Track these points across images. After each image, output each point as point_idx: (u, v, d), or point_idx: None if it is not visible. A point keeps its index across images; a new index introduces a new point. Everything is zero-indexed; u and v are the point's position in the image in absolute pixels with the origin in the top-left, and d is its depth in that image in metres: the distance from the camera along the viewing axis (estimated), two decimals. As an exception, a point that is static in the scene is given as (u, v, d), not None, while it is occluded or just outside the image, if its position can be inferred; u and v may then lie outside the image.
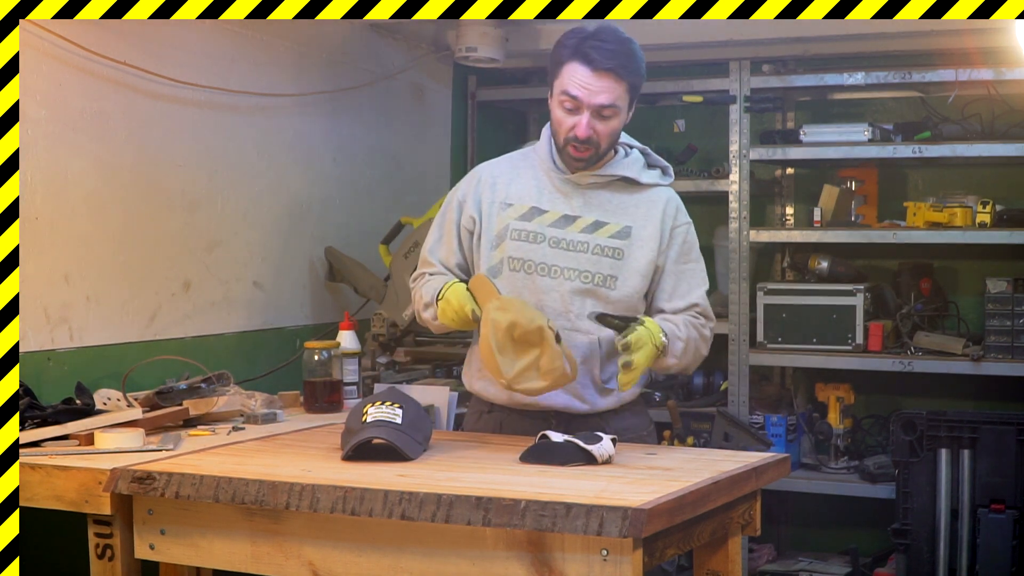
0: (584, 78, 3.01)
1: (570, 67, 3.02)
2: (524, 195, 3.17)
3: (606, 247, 3.12)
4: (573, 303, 3.11)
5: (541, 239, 3.12)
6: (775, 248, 5.18)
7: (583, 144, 3.05)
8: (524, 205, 3.15)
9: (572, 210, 3.14)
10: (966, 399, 4.85)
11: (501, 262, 3.14)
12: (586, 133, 3.03)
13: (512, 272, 3.12)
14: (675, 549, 2.63)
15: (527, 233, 3.13)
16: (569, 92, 3.02)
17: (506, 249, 3.13)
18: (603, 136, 3.06)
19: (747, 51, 4.73)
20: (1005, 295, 4.46)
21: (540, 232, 3.12)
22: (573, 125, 3.04)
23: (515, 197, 3.17)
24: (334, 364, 3.72)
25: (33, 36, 3.44)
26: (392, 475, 2.69)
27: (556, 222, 3.13)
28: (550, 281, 3.11)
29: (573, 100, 3.03)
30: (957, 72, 4.49)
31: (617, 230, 3.13)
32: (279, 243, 4.43)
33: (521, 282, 3.12)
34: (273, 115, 4.38)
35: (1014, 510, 4.24)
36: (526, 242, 3.13)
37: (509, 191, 3.18)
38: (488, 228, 3.16)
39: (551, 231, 3.12)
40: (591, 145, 3.06)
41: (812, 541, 5.15)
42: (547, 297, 3.11)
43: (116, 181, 3.78)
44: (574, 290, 3.11)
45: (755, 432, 4.64)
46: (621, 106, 3.05)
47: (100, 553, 2.83)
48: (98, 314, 3.71)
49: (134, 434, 3.05)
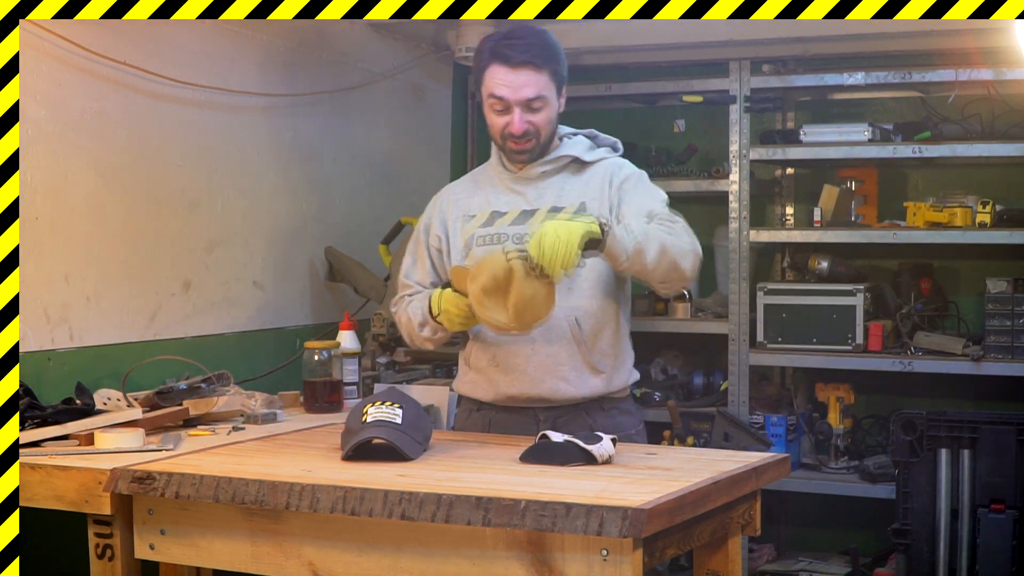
0: (505, 77, 3.13)
1: (491, 70, 3.15)
2: (483, 204, 3.27)
3: None
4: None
5: (504, 238, 3.21)
6: (775, 248, 5.17)
7: (521, 138, 3.16)
8: (484, 213, 3.26)
9: (529, 204, 3.23)
10: (966, 399, 4.84)
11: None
12: (521, 128, 3.15)
13: None
14: (675, 549, 2.63)
15: (490, 237, 3.22)
16: (495, 94, 3.15)
17: (474, 257, 3.21)
18: (540, 126, 3.17)
19: (747, 51, 4.73)
20: (1005, 295, 4.46)
21: (502, 233, 3.21)
22: (506, 124, 3.17)
23: (475, 208, 3.28)
24: (334, 364, 3.72)
25: (33, 36, 3.44)
26: (392, 475, 2.69)
27: (516, 219, 3.22)
28: None
29: (500, 101, 3.15)
30: (957, 72, 4.49)
31: (574, 210, 3.19)
32: (279, 243, 4.44)
33: None
34: (273, 115, 4.39)
35: (1014, 510, 4.24)
36: (491, 245, 3.21)
37: (470, 204, 3.29)
38: (455, 242, 3.27)
39: (512, 229, 3.21)
40: (530, 136, 3.17)
41: (812, 541, 5.14)
42: None
43: (116, 181, 3.78)
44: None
45: (755, 432, 4.64)
46: (547, 95, 3.15)
47: (100, 553, 2.83)
48: (98, 314, 3.71)
49: (134, 434, 3.05)
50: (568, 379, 3.18)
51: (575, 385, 3.19)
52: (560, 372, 3.18)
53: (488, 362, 3.24)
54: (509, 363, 3.20)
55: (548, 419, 3.22)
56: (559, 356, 3.17)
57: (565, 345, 3.17)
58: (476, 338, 3.27)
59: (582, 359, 3.19)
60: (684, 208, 3.85)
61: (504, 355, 3.21)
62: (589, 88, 4.95)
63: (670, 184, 4.79)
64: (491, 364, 3.23)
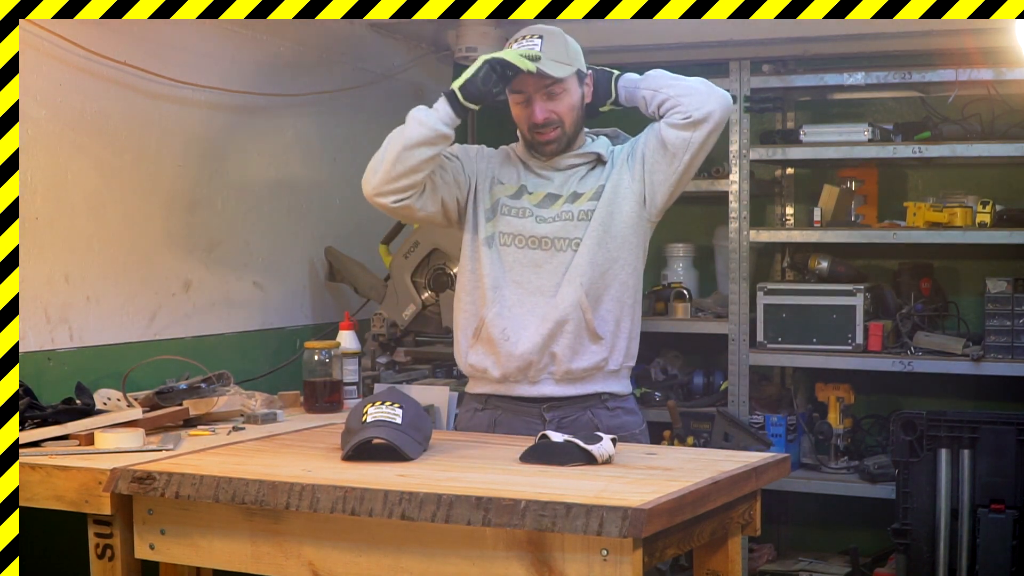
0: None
1: None
2: (514, 176, 3.36)
3: (587, 210, 3.28)
4: (557, 271, 3.26)
5: (528, 214, 3.30)
6: (775, 248, 5.17)
7: (545, 127, 3.25)
8: (513, 185, 3.35)
9: (554, 189, 3.32)
10: (966, 399, 4.84)
11: (493, 235, 3.31)
12: (543, 115, 3.24)
13: (503, 247, 3.31)
14: (675, 549, 2.63)
15: (516, 209, 3.32)
16: (514, 87, 3.24)
17: (498, 224, 3.31)
18: (563, 113, 3.26)
19: (747, 51, 4.73)
20: (1005, 295, 4.45)
21: (527, 208, 3.31)
22: (530, 114, 3.25)
23: (505, 177, 3.36)
24: (334, 364, 3.72)
25: (33, 36, 3.44)
26: (392, 475, 2.69)
27: (541, 201, 3.32)
28: (542, 253, 3.28)
29: (521, 94, 3.25)
30: (957, 72, 4.49)
31: (592, 193, 3.30)
32: (279, 243, 4.44)
33: (512, 256, 3.29)
34: (273, 115, 4.39)
35: (1014, 510, 4.24)
36: (516, 217, 3.31)
37: (501, 172, 3.38)
38: (483, 199, 3.35)
39: (537, 209, 3.30)
40: (554, 125, 3.26)
41: (812, 541, 5.14)
42: (541, 270, 3.28)
43: (116, 181, 3.78)
44: (564, 261, 3.26)
45: (755, 432, 4.64)
46: (566, 82, 3.23)
47: (100, 553, 2.83)
48: (98, 314, 3.71)
49: (134, 434, 3.06)
50: (576, 349, 3.25)
51: (581, 353, 3.26)
52: (568, 340, 3.25)
53: (499, 334, 3.27)
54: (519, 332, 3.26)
55: (554, 418, 3.23)
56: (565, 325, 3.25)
57: (568, 330, 3.24)
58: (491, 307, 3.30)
59: (591, 326, 3.25)
60: (684, 208, 3.86)
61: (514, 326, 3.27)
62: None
63: (670, 184, 4.80)
64: (502, 336, 3.27)
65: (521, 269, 3.28)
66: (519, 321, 3.26)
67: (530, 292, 3.27)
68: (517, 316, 3.26)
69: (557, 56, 3.21)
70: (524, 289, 3.27)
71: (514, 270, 3.28)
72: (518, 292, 3.27)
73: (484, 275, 3.29)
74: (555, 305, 3.24)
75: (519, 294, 3.27)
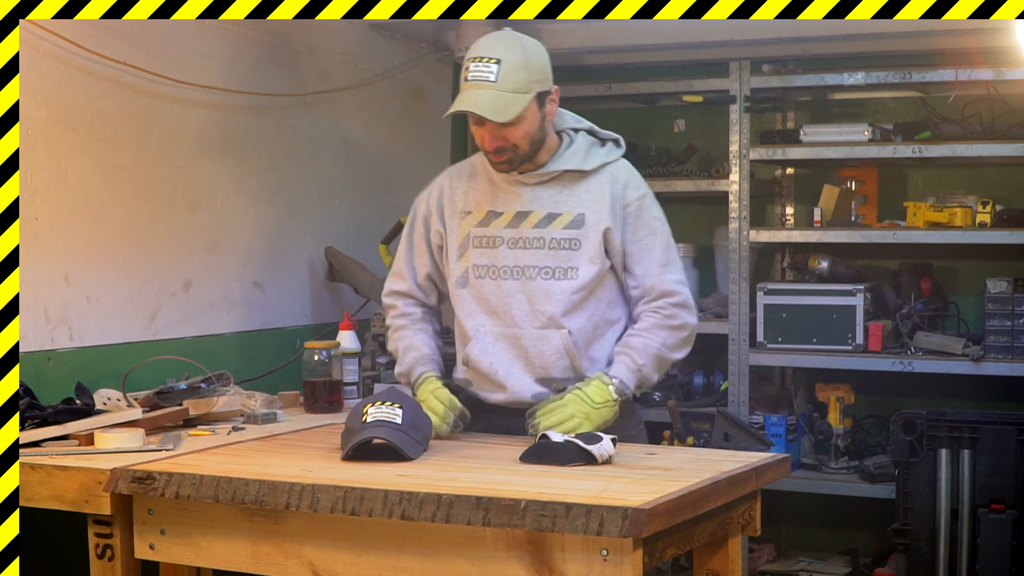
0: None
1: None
2: (481, 200, 3.24)
3: (561, 239, 3.18)
4: (538, 301, 3.17)
5: (499, 242, 3.20)
6: (775, 248, 5.17)
7: (495, 153, 3.11)
8: (481, 211, 3.23)
9: (523, 206, 3.20)
10: (966, 399, 4.84)
11: (466, 271, 3.23)
12: (493, 144, 3.10)
13: (478, 279, 3.22)
14: (675, 549, 2.63)
15: (486, 239, 3.21)
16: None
17: (470, 258, 3.22)
18: (517, 140, 3.10)
19: (747, 51, 4.73)
20: (1005, 295, 4.45)
21: (498, 236, 3.20)
22: (481, 138, 3.12)
23: (472, 204, 3.25)
24: (334, 364, 3.72)
25: (33, 36, 3.44)
26: (392, 475, 2.69)
27: (511, 222, 3.20)
28: (513, 283, 3.18)
29: (473, 114, 3.06)
30: (957, 72, 4.49)
31: (571, 219, 3.18)
32: (279, 243, 4.43)
33: (487, 288, 3.21)
34: (273, 115, 4.38)
35: (1014, 510, 4.24)
36: (487, 248, 3.21)
37: (467, 200, 3.26)
38: (452, 240, 3.26)
39: (507, 233, 3.19)
40: (505, 151, 3.11)
41: (812, 541, 5.14)
42: (513, 300, 3.19)
43: (116, 181, 3.78)
44: (537, 288, 3.17)
45: (755, 432, 4.64)
46: (521, 112, 3.06)
47: (100, 553, 2.83)
48: (98, 314, 3.71)
49: (134, 434, 3.05)
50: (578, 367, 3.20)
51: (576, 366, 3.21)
52: (570, 352, 3.19)
53: (488, 367, 3.23)
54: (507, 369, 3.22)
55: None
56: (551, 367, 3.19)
57: (561, 362, 3.18)
58: (476, 344, 3.25)
59: (588, 356, 3.20)
60: (684, 208, 3.85)
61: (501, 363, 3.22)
62: (589, 88, 4.95)
63: (670, 184, 4.80)
64: (491, 370, 3.23)
65: (497, 300, 3.19)
66: (504, 356, 3.20)
67: (508, 324, 3.19)
68: (501, 350, 3.20)
69: (514, 82, 3.02)
70: (503, 320, 3.19)
71: (489, 302, 3.20)
72: (499, 325, 3.20)
73: (463, 317, 3.24)
74: (540, 352, 3.17)
75: (500, 326, 3.20)
